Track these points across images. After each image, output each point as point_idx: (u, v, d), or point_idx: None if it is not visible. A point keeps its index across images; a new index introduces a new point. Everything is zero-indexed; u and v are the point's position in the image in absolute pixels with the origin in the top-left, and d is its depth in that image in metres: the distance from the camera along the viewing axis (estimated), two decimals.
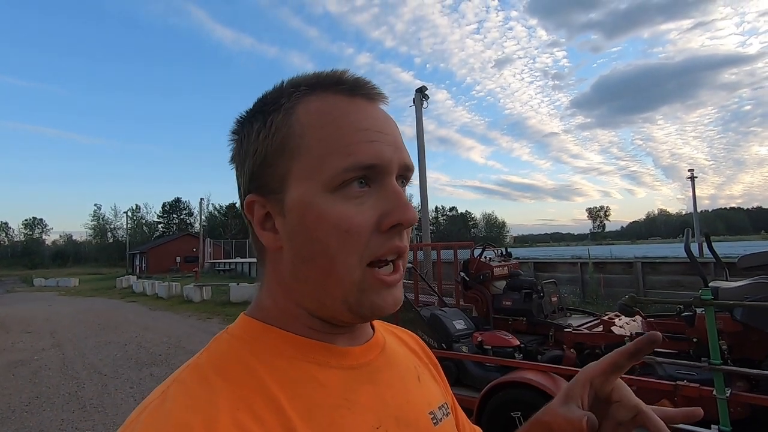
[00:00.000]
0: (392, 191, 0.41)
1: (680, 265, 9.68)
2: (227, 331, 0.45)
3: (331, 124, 0.41)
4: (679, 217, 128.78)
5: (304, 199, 0.40)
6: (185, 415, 0.34)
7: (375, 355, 0.47)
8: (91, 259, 70.76)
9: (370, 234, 0.40)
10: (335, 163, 0.39)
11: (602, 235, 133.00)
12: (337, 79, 0.43)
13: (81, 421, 4.40)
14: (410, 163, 0.44)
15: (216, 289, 15.40)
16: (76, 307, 14.92)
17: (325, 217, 0.39)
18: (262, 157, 0.42)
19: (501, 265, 4.80)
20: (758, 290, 2.80)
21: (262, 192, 0.43)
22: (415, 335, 0.62)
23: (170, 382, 0.39)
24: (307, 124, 0.41)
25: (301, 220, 0.41)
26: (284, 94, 0.43)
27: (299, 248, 0.41)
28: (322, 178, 0.40)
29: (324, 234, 0.40)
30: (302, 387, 0.40)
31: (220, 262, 32.40)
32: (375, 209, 0.40)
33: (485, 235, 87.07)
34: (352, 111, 0.41)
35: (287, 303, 0.44)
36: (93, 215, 75.26)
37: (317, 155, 0.40)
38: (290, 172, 0.41)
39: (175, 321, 10.84)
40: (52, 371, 6.40)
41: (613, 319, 3.64)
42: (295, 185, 0.41)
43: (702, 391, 2.27)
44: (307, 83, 0.43)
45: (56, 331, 9.91)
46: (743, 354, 2.74)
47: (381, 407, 0.43)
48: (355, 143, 0.40)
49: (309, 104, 0.42)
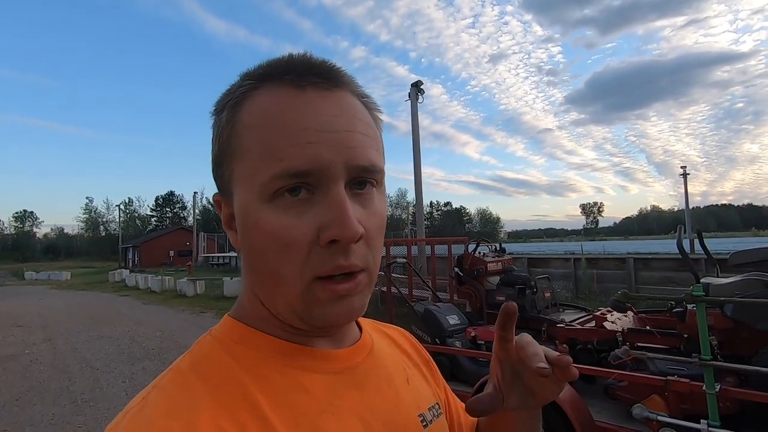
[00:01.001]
0: (333, 201, 0.36)
1: (672, 262, 9.77)
2: (211, 333, 0.43)
3: (268, 125, 0.37)
4: (672, 213, 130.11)
5: (243, 207, 0.38)
6: (165, 422, 0.33)
7: (362, 357, 0.46)
8: (83, 252, 70.15)
9: (310, 247, 0.36)
10: (267, 170, 0.36)
11: (595, 231, 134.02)
12: (286, 68, 0.38)
13: (72, 416, 4.37)
14: (368, 162, 0.38)
15: (209, 283, 15.34)
16: (68, 301, 14.81)
17: (260, 227, 0.37)
18: (214, 158, 0.41)
19: (495, 261, 4.82)
20: (749, 287, 2.83)
21: (221, 192, 0.42)
22: (407, 333, 0.61)
23: (151, 388, 0.37)
24: (248, 123, 0.38)
25: (243, 227, 0.39)
26: (232, 89, 0.40)
27: (246, 254, 0.40)
28: (256, 185, 0.37)
29: (261, 245, 0.37)
30: (286, 393, 0.38)
31: (213, 256, 32.24)
32: (314, 221, 0.36)
33: (480, 231, 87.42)
34: (294, 107, 0.37)
35: (258, 305, 0.42)
36: (85, 208, 74.55)
37: (253, 160, 0.37)
38: (233, 175, 0.39)
39: (168, 315, 10.80)
40: (44, 365, 6.34)
41: (606, 314, 3.67)
42: (237, 190, 0.39)
43: (692, 387, 2.29)
44: (255, 75, 0.39)
45: (48, 325, 9.83)
46: (733, 350, 2.77)
47: (368, 412, 0.41)
48: (289, 146, 0.35)
49: (253, 100, 0.38)
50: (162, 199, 78.22)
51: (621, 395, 2.82)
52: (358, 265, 0.38)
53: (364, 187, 0.39)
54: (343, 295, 0.38)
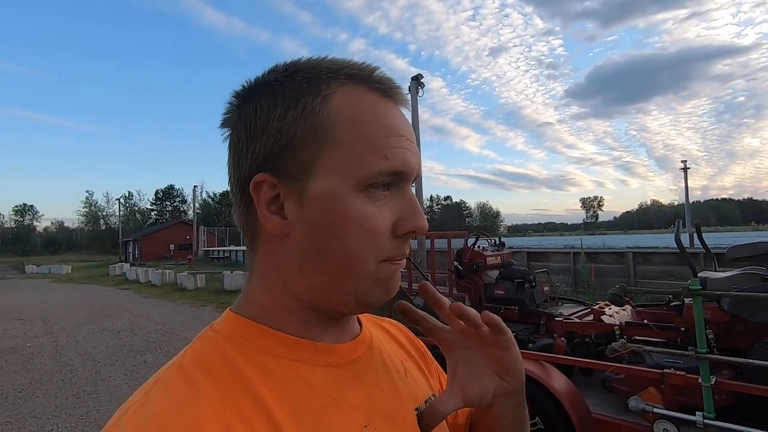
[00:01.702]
0: (410, 198, 0.43)
1: (671, 256, 9.78)
2: (212, 328, 0.44)
3: (370, 123, 0.40)
4: (672, 207, 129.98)
5: (332, 193, 0.39)
6: (168, 417, 0.33)
7: (362, 351, 0.47)
8: (84, 246, 70.24)
9: (387, 236, 0.41)
10: (371, 164, 0.39)
11: (595, 225, 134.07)
12: (374, 77, 0.42)
13: (74, 408, 4.41)
14: (421, 171, 0.45)
15: (210, 276, 15.38)
16: (69, 295, 14.86)
17: (351, 214, 0.39)
18: (287, 139, 0.40)
19: (494, 255, 4.83)
20: (745, 281, 2.84)
21: (276, 173, 0.40)
22: (402, 325, 0.62)
23: (153, 383, 0.38)
24: (347, 116, 0.40)
25: (324, 213, 0.40)
26: (321, 77, 0.41)
27: (317, 240, 0.40)
28: (355, 175, 0.39)
29: (347, 231, 0.40)
30: (289, 387, 0.39)
31: (213, 249, 32.28)
32: (392, 214, 0.41)
33: (479, 225, 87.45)
34: (389, 114, 0.42)
35: (283, 294, 0.43)
36: (85, 202, 74.65)
37: (353, 151, 0.39)
38: (318, 161, 0.40)
39: (168, 308, 10.84)
40: (45, 358, 6.39)
41: (603, 308, 3.68)
42: (322, 176, 0.40)
43: (688, 379, 2.32)
44: (347, 72, 0.41)
45: (49, 319, 9.88)
46: (729, 343, 2.79)
47: (369, 405, 0.43)
48: (392, 148, 0.40)
49: (348, 95, 0.41)
50: (162, 193, 78.25)
51: (618, 388, 2.85)
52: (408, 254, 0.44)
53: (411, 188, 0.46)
54: (395, 273, 0.43)
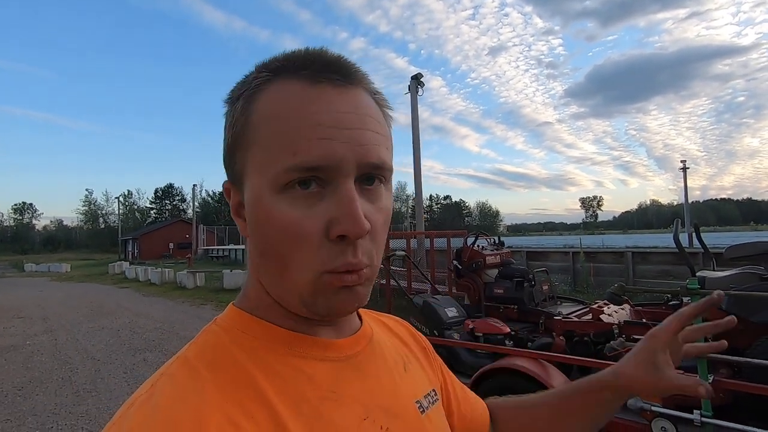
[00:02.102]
0: (344, 196, 0.37)
1: (670, 255, 9.79)
2: (216, 322, 0.44)
3: (284, 117, 0.37)
4: (671, 207, 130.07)
5: (255, 196, 0.39)
6: (174, 409, 0.34)
7: (362, 346, 0.47)
8: (83, 244, 70.18)
9: (320, 240, 0.37)
10: (280, 162, 0.37)
11: (595, 225, 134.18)
12: (302, 63, 0.39)
13: (74, 405, 4.42)
14: (378, 160, 0.39)
15: (209, 275, 15.38)
16: (68, 293, 14.87)
17: (272, 217, 0.38)
18: (227, 146, 0.42)
19: (493, 254, 4.84)
20: (743, 280, 2.86)
21: (232, 180, 0.43)
22: (405, 322, 0.62)
23: (158, 376, 0.38)
24: (264, 115, 0.38)
25: (254, 216, 0.40)
26: (248, 80, 0.41)
27: (256, 242, 0.41)
28: (269, 176, 0.37)
29: (273, 234, 0.38)
30: (290, 381, 0.40)
31: (213, 248, 32.28)
32: (324, 215, 0.37)
33: (479, 224, 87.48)
34: (309, 102, 0.37)
35: (263, 294, 0.43)
36: (84, 200, 74.50)
37: (268, 150, 0.38)
38: (246, 165, 0.40)
39: (168, 307, 10.84)
40: (45, 356, 6.39)
41: (602, 307, 3.70)
42: (249, 179, 0.40)
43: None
44: (271, 68, 0.40)
45: (48, 317, 9.88)
46: (728, 342, 2.80)
47: (368, 398, 0.43)
48: (303, 140, 0.36)
49: (269, 93, 0.39)
50: (161, 192, 78.14)
51: None
52: (364, 262, 0.39)
53: (372, 183, 0.40)
54: (348, 286, 0.39)
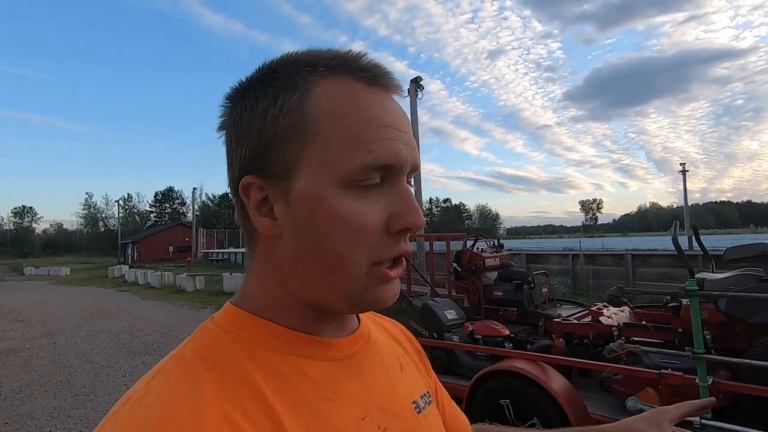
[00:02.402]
0: (404, 193, 0.40)
1: (669, 258, 9.80)
2: (213, 320, 0.43)
3: (353, 116, 0.38)
4: (671, 210, 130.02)
5: (316, 192, 0.38)
6: (170, 407, 0.33)
7: (360, 346, 0.47)
8: (83, 248, 70.15)
9: (380, 234, 0.39)
10: (355, 159, 0.38)
11: (595, 228, 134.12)
12: (358, 65, 0.40)
13: (73, 409, 4.41)
14: (419, 163, 0.43)
15: (209, 278, 15.38)
16: (68, 296, 14.84)
17: (337, 213, 0.38)
18: (269, 139, 0.39)
19: (493, 257, 4.84)
20: (742, 281, 2.86)
21: (263, 174, 0.40)
22: (400, 324, 0.62)
23: (154, 373, 0.38)
24: (327, 110, 0.38)
25: (310, 212, 0.39)
26: (299, 72, 0.40)
27: (304, 241, 0.40)
28: (338, 171, 0.38)
29: (334, 230, 0.38)
30: (288, 379, 0.39)
31: (213, 252, 32.26)
32: (385, 209, 0.39)
33: (479, 227, 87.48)
34: (374, 104, 0.39)
35: (281, 292, 0.43)
36: (84, 204, 74.55)
37: (336, 147, 0.38)
38: (301, 159, 0.39)
39: (168, 310, 10.83)
40: (44, 360, 6.38)
41: (602, 309, 3.70)
42: (305, 174, 0.39)
43: (685, 380, 2.33)
44: (327, 64, 0.40)
45: (47, 320, 9.87)
46: (727, 344, 2.80)
47: (366, 398, 0.43)
48: (376, 140, 0.38)
49: (327, 88, 0.39)
50: (161, 195, 78.16)
51: (616, 388, 2.86)
52: (410, 250, 0.42)
53: (409, 183, 0.44)
54: (391, 280, 0.41)
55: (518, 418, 2.78)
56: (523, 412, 2.76)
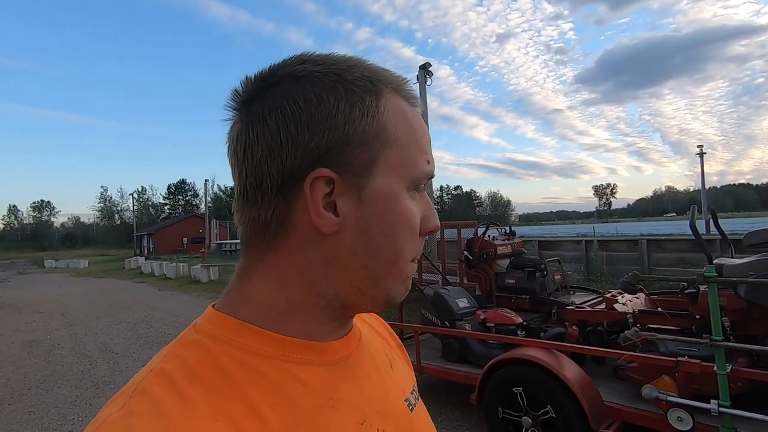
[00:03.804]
0: (428, 200, 0.45)
1: (686, 243, 9.59)
2: (195, 328, 0.40)
3: (416, 129, 0.43)
4: (687, 193, 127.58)
5: (392, 191, 0.40)
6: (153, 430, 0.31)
7: (354, 347, 0.46)
8: (100, 240, 71.67)
9: (418, 234, 0.43)
10: (422, 166, 0.43)
11: (608, 213, 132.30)
12: (405, 88, 0.45)
13: (94, 398, 4.54)
14: None
15: (223, 269, 15.58)
16: (87, 288, 15.22)
17: (405, 213, 0.41)
18: (353, 135, 0.39)
19: (504, 244, 4.80)
20: (762, 267, 2.78)
21: (338, 169, 0.39)
22: (380, 318, 0.62)
23: (130, 392, 0.34)
24: (401, 120, 0.42)
25: (383, 210, 0.40)
26: (374, 81, 0.42)
27: (370, 238, 0.40)
28: (409, 176, 0.42)
29: (399, 229, 0.41)
30: (284, 389, 0.38)
31: (226, 242, 32.65)
32: (420, 212, 0.44)
33: (490, 214, 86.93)
34: (421, 123, 0.45)
35: (304, 293, 0.41)
36: (100, 197, 76.05)
37: (409, 153, 0.42)
38: (380, 159, 0.40)
39: (183, 301, 11.04)
40: (65, 350, 6.56)
41: (616, 296, 3.65)
42: (383, 174, 0.40)
43: (703, 367, 2.29)
44: (392, 84, 0.43)
45: (68, 312, 10.13)
46: (746, 330, 2.74)
47: (363, 402, 0.42)
48: (428, 153, 0.44)
49: (396, 101, 0.43)
50: (174, 187, 79.19)
51: (631, 376, 2.83)
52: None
53: None
54: (412, 273, 0.45)
55: (531, 407, 2.78)
56: (536, 400, 2.76)
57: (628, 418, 2.58)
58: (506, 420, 2.88)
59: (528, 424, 2.75)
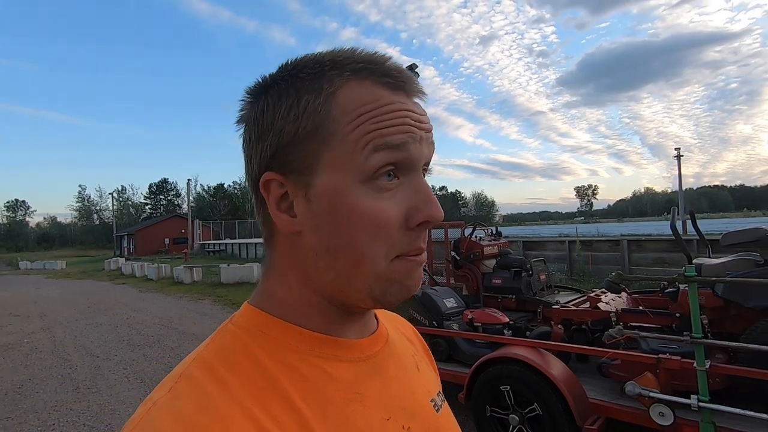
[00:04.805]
0: (422, 186, 0.41)
1: (665, 243, 9.88)
2: (232, 321, 0.43)
3: (372, 115, 0.39)
4: (665, 195, 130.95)
5: (337, 187, 0.39)
6: (198, 414, 0.33)
7: (380, 346, 0.47)
8: (77, 241, 69.81)
9: (398, 229, 0.39)
10: (372, 156, 0.39)
11: (590, 214, 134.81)
12: (382, 69, 0.41)
13: (75, 402, 4.42)
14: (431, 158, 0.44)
15: (206, 270, 15.36)
16: (65, 290, 14.80)
17: (356, 209, 0.38)
18: (291, 137, 0.40)
19: (491, 245, 4.87)
20: (739, 266, 2.89)
21: (283, 171, 0.40)
22: (409, 323, 0.63)
23: (177, 377, 0.37)
24: (349, 111, 0.39)
25: (330, 209, 0.39)
26: (324, 74, 0.40)
27: (325, 238, 0.40)
28: (357, 168, 0.38)
29: (354, 226, 0.39)
30: (314, 382, 0.39)
31: (209, 243, 32.20)
32: (403, 204, 0.40)
33: (475, 215, 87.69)
34: (394, 105, 0.40)
35: (303, 291, 0.42)
36: (78, 197, 73.79)
37: (354, 145, 0.39)
38: (321, 157, 0.39)
39: (166, 302, 10.83)
40: (44, 354, 6.38)
41: (600, 296, 3.73)
42: (326, 171, 0.39)
43: (683, 364, 2.36)
44: (353, 69, 0.40)
45: (46, 314, 9.84)
46: (724, 328, 2.84)
47: (389, 399, 0.43)
48: (392, 135, 0.39)
49: (351, 91, 0.40)
50: (155, 187, 77.53)
51: (614, 373, 2.90)
52: (425, 247, 0.43)
53: (425, 175, 0.44)
54: (416, 268, 0.42)
55: (518, 404, 2.82)
56: (523, 398, 2.80)
57: (611, 414, 2.65)
58: (494, 418, 2.93)
59: (515, 421, 2.80)
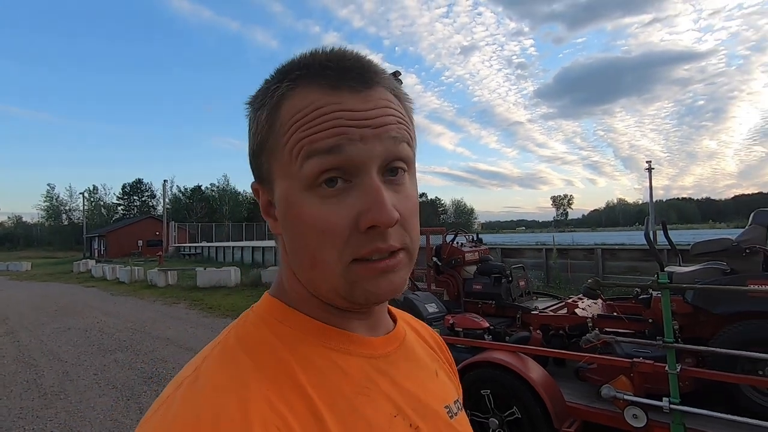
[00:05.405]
0: (368, 189, 0.39)
1: (637, 252, 10.22)
2: (253, 310, 0.46)
3: (306, 124, 0.39)
4: (636, 206, 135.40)
5: (286, 197, 0.41)
6: (219, 394, 0.35)
7: (394, 347, 0.48)
8: (44, 242, 66.91)
9: (350, 233, 0.39)
10: (308, 162, 0.38)
11: (565, 223, 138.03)
12: (321, 70, 0.40)
13: (42, 409, 4.24)
14: (399, 154, 0.41)
15: (182, 273, 14.99)
16: (31, 292, 14.18)
17: (301, 215, 0.40)
18: (253, 149, 0.44)
19: (472, 251, 4.93)
20: (708, 275, 3.02)
21: (259, 181, 0.45)
22: (432, 330, 0.63)
23: (201, 359, 0.40)
24: (284, 121, 0.40)
25: (284, 215, 0.42)
26: (269, 89, 0.42)
27: (288, 240, 0.43)
28: (297, 176, 0.39)
29: (302, 232, 0.40)
30: (325, 373, 0.40)
31: (185, 246, 31.45)
32: (353, 208, 0.39)
33: (454, 222, 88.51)
34: (329, 107, 0.39)
35: (298, 286, 0.45)
36: (46, 196, 70.84)
37: (290, 154, 0.40)
38: (272, 168, 0.42)
39: (139, 306, 10.51)
40: (7, 359, 6.09)
41: (577, 302, 3.84)
42: (278, 180, 0.42)
43: (656, 367, 2.45)
44: (292, 77, 0.41)
45: (9, 318, 9.41)
46: (693, 333, 2.96)
47: (398, 397, 0.44)
48: (320, 140, 0.38)
49: (291, 101, 0.40)
50: (129, 187, 75.22)
51: (590, 377, 2.98)
52: (396, 246, 0.40)
53: (396, 174, 0.41)
54: (384, 272, 0.40)
55: (498, 408, 2.87)
56: (503, 401, 2.85)
57: (588, 416, 2.72)
58: (474, 422, 2.96)
59: (495, 425, 2.84)
